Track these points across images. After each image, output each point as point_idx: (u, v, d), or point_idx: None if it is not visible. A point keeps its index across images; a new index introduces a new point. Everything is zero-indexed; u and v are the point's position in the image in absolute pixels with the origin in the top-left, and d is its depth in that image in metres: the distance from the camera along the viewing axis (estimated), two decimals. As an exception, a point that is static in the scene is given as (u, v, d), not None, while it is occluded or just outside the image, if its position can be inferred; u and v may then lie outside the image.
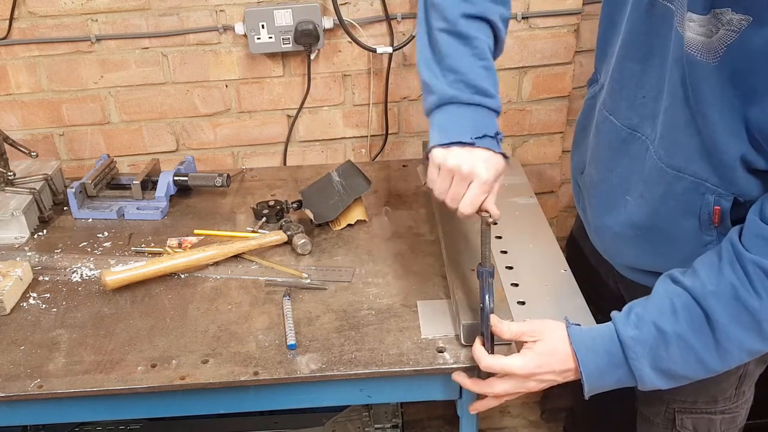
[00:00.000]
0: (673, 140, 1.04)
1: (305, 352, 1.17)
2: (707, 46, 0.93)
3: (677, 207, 1.07)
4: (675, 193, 1.06)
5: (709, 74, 0.94)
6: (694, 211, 1.05)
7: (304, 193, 1.57)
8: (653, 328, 1.01)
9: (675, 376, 1.03)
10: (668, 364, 1.01)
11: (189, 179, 1.63)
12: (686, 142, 1.02)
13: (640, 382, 1.03)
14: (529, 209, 1.54)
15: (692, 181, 1.03)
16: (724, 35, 0.90)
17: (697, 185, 1.03)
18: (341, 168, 1.57)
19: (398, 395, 1.27)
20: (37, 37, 1.69)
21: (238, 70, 1.76)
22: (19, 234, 1.53)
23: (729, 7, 0.89)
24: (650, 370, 1.02)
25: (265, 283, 1.35)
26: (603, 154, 1.20)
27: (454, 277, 1.24)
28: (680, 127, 1.02)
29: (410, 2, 1.71)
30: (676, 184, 1.05)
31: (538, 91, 1.76)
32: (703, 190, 1.03)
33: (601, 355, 1.04)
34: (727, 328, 0.96)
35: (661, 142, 1.06)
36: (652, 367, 1.02)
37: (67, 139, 1.82)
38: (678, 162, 1.04)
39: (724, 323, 0.96)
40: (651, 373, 1.02)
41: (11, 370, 1.16)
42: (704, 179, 1.02)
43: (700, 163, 1.01)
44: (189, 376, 1.13)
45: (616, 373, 1.04)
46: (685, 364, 1.01)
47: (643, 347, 1.01)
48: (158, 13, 1.69)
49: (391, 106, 1.83)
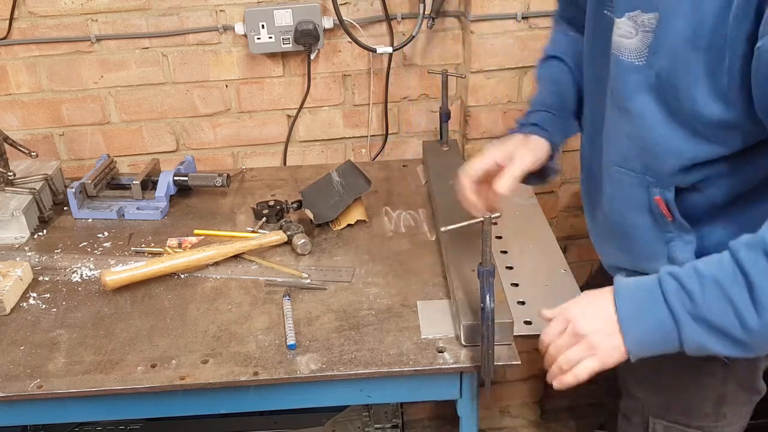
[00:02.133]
0: (611, 138, 1.09)
1: (305, 352, 1.17)
2: (630, 47, 0.99)
3: (627, 202, 1.10)
4: (622, 188, 1.09)
5: (634, 72, 0.99)
6: (644, 205, 1.07)
7: (304, 193, 1.57)
8: (692, 270, 0.93)
9: (719, 330, 0.91)
10: (705, 312, 0.91)
11: (189, 179, 1.63)
12: (620, 140, 1.07)
13: (681, 328, 0.93)
14: (529, 209, 1.54)
15: (633, 176, 1.06)
16: (644, 36, 0.97)
17: (640, 180, 1.06)
18: (341, 168, 1.57)
19: (398, 395, 1.27)
20: (37, 37, 1.69)
21: (238, 70, 1.76)
22: (19, 234, 1.53)
23: (639, 9, 0.96)
24: (686, 314, 0.92)
25: (265, 283, 1.35)
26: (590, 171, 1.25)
27: (455, 277, 1.24)
28: (614, 126, 1.07)
29: (410, 2, 1.71)
30: (622, 179, 1.09)
31: (538, 91, 1.76)
32: (646, 183, 1.05)
33: (639, 291, 0.96)
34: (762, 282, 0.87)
35: (606, 140, 1.12)
36: (689, 312, 0.92)
37: (67, 139, 1.82)
38: (617, 158, 1.08)
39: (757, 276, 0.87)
40: (689, 320, 0.92)
41: (11, 370, 1.16)
42: (642, 173, 1.05)
43: (636, 159, 1.05)
44: (189, 376, 1.13)
45: (654, 312, 0.94)
46: (723, 315, 0.90)
47: (678, 282, 0.93)
48: (158, 13, 1.69)
49: (391, 106, 1.83)
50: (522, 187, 1.61)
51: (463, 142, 1.83)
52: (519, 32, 1.69)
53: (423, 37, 1.76)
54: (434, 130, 1.85)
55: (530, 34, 1.69)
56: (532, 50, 1.70)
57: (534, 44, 1.70)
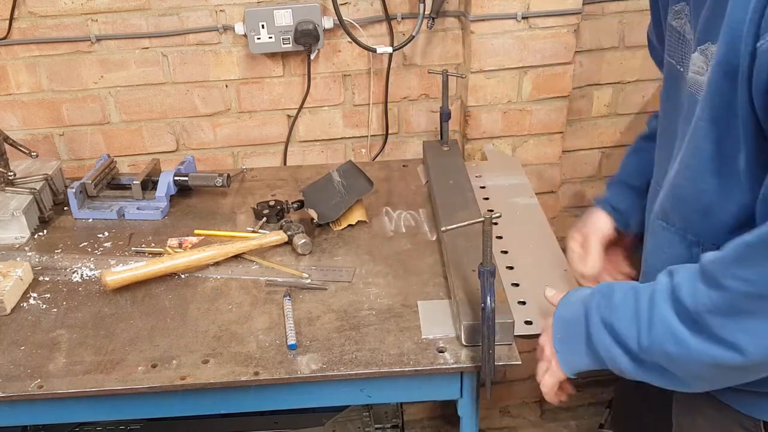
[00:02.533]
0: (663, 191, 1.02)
1: (305, 352, 1.17)
2: (702, 83, 0.90)
3: (668, 261, 0.99)
4: (662, 245, 1.03)
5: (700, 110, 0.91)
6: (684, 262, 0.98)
7: (305, 193, 1.57)
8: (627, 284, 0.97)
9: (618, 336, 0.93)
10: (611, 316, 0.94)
11: (189, 179, 1.63)
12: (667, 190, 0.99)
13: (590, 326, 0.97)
14: (530, 209, 1.54)
15: (674, 231, 1.00)
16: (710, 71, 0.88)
17: (680, 236, 0.99)
18: (342, 168, 1.57)
19: (398, 395, 1.27)
20: (37, 37, 1.69)
21: (238, 70, 1.76)
22: (20, 234, 1.53)
23: (708, 41, 0.87)
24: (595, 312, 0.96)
25: (266, 283, 1.35)
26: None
27: (455, 277, 1.24)
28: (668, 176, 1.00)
29: (410, 2, 1.71)
30: (661, 235, 1.03)
31: (539, 91, 1.76)
32: (687, 243, 0.98)
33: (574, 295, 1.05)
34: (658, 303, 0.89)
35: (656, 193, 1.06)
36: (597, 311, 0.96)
37: (67, 139, 1.82)
38: (660, 211, 1.02)
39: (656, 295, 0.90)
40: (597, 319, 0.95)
41: (11, 370, 1.16)
42: (684, 230, 0.98)
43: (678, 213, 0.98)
44: (189, 376, 1.13)
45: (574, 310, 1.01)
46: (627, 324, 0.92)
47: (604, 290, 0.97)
48: (158, 13, 1.69)
49: (391, 106, 1.83)
50: (522, 187, 1.63)
51: (463, 142, 1.83)
52: (519, 32, 1.69)
53: (423, 37, 1.76)
54: (434, 130, 1.86)
55: (530, 34, 1.69)
56: (532, 50, 1.70)
57: (534, 44, 1.70)
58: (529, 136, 1.83)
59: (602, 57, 1.82)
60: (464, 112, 1.79)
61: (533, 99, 1.78)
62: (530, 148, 1.84)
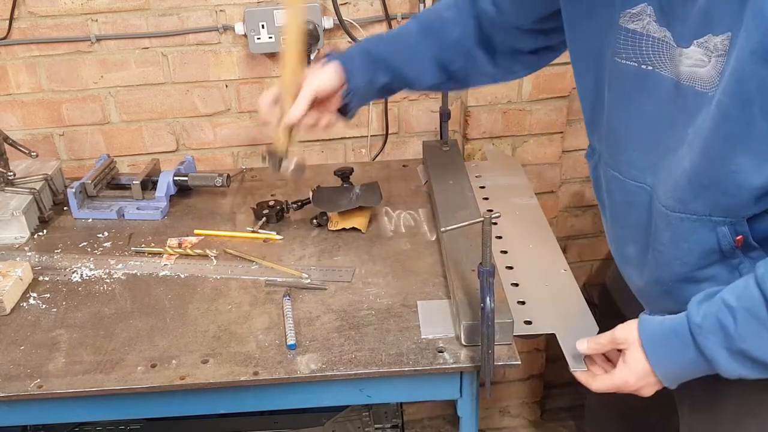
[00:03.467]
0: (671, 183, 0.99)
1: (305, 352, 1.17)
2: (704, 76, 0.90)
3: (692, 249, 1.00)
4: (683, 235, 0.99)
5: (706, 104, 0.90)
6: (712, 246, 0.98)
7: (319, 189, 1.57)
8: (721, 303, 0.93)
9: (756, 360, 0.91)
10: (741, 343, 0.91)
11: (189, 179, 1.63)
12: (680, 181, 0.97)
13: (716, 365, 0.94)
14: (529, 209, 1.54)
15: (696, 219, 0.97)
16: (716, 63, 0.88)
17: (703, 222, 0.97)
18: (366, 184, 1.57)
19: (398, 395, 1.27)
20: (37, 37, 1.69)
21: (238, 70, 1.76)
22: (19, 234, 1.53)
23: (710, 33, 0.87)
24: (722, 349, 0.92)
25: (265, 283, 1.35)
26: (617, 211, 1.15)
27: (455, 277, 1.24)
28: (676, 168, 0.98)
29: (410, 2, 1.71)
30: (681, 226, 0.99)
31: (538, 91, 1.76)
32: (711, 225, 0.97)
33: (668, 338, 0.97)
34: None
35: (660, 187, 1.02)
36: (725, 346, 0.92)
37: (67, 139, 1.82)
38: (674, 203, 0.99)
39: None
40: (725, 354, 0.92)
41: (11, 370, 1.16)
42: (707, 214, 0.96)
43: (698, 200, 0.96)
44: (189, 376, 1.13)
45: (687, 355, 0.95)
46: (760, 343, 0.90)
47: (709, 321, 0.93)
48: (158, 13, 1.69)
49: (391, 106, 1.83)
50: (522, 187, 1.63)
51: (463, 142, 1.83)
52: (519, 32, 1.68)
53: (423, 37, 1.75)
54: (434, 130, 1.85)
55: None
56: (532, 50, 1.70)
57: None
58: (529, 136, 1.83)
59: (602, 57, 1.82)
60: (464, 112, 1.79)
61: (533, 99, 1.77)
62: (530, 148, 1.84)
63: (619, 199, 1.12)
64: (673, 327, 0.98)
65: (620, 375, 1.03)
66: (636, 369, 1.01)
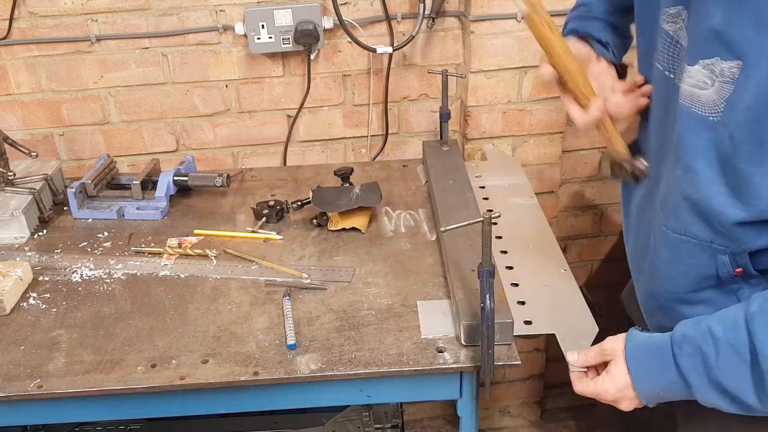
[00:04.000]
0: (670, 201, 0.97)
1: (305, 352, 1.17)
2: (704, 99, 0.87)
3: (688, 271, 0.98)
4: (681, 256, 0.98)
5: (705, 129, 0.88)
6: (710, 272, 0.96)
7: (319, 189, 1.56)
8: (706, 331, 0.90)
9: (734, 396, 0.89)
10: (720, 375, 0.89)
11: (189, 179, 1.63)
12: (681, 203, 0.95)
13: (694, 391, 0.92)
14: (529, 209, 1.54)
15: (696, 243, 0.95)
16: (720, 88, 0.85)
17: (703, 247, 0.95)
18: (366, 183, 1.57)
19: (398, 395, 1.27)
20: (37, 37, 1.69)
21: (238, 70, 1.76)
22: (19, 234, 1.53)
23: (717, 56, 0.84)
24: (701, 376, 0.90)
25: (265, 283, 1.35)
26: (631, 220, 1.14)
27: (455, 277, 1.24)
28: (675, 187, 0.96)
29: (410, 2, 1.71)
30: (680, 247, 0.97)
31: (538, 91, 1.76)
32: (711, 251, 0.94)
33: (651, 354, 0.96)
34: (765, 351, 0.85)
35: (662, 204, 1.00)
36: (703, 373, 0.90)
37: (67, 139, 1.82)
38: (676, 224, 0.97)
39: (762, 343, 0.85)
40: (704, 381, 0.90)
41: (11, 370, 1.16)
42: (708, 241, 0.94)
43: (699, 225, 0.94)
44: (189, 376, 1.13)
45: (667, 375, 0.94)
46: (738, 381, 0.88)
47: (691, 346, 0.91)
48: (158, 13, 1.69)
49: (391, 106, 1.83)
50: (522, 187, 1.63)
51: (463, 142, 1.83)
52: (519, 32, 1.69)
53: (423, 37, 1.76)
54: (434, 130, 1.85)
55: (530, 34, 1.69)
56: (532, 50, 1.70)
57: (534, 44, 1.68)
58: (529, 136, 1.83)
59: (602, 57, 1.82)
60: (464, 112, 1.79)
61: (533, 99, 1.77)
62: (530, 148, 1.84)
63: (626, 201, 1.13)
64: (658, 344, 0.96)
65: (602, 384, 1.02)
66: (617, 381, 1.00)
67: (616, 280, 2.15)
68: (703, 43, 0.86)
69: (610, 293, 2.16)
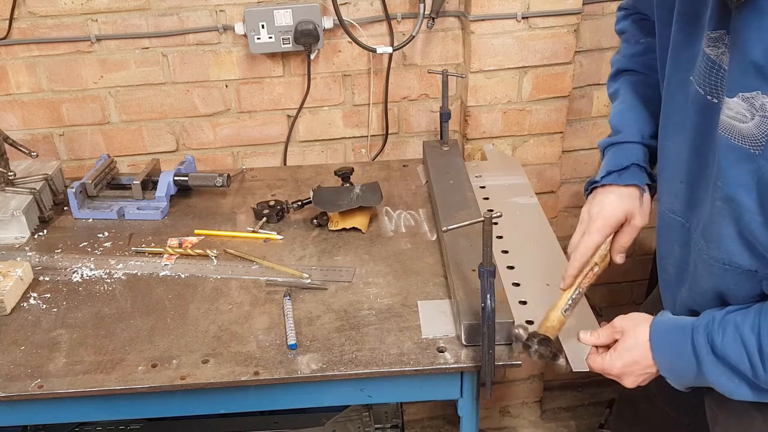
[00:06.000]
0: (713, 231, 0.96)
1: (306, 352, 1.17)
2: (744, 132, 0.85)
3: (734, 295, 0.98)
4: (726, 283, 0.98)
5: (746, 161, 0.86)
6: (755, 293, 0.96)
7: (319, 189, 1.56)
8: (724, 310, 0.96)
9: (735, 370, 0.93)
10: (724, 349, 0.93)
11: (189, 179, 1.63)
12: (724, 233, 0.93)
13: (703, 367, 0.96)
14: (530, 209, 1.54)
15: (741, 272, 0.95)
16: (761, 122, 0.83)
17: (749, 276, 0.95)
18: (366, 184, 1.57)
19: (398, 395, 1.27)
20: (37, 37, 1.69)
21: (238, 70, 1.76)
22: (20, 234, 1.53)
23: (758, 90, 0.82)
24: (707, 349, 0.95)
25: (266, 283, 1.35)
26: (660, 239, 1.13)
27: (455, 277, 1.24)
28: (717, 217, 0.94)
29: (410, 2, 1.71)
30: (725, 276, 0.97)
31: (538, 91, 1.76)
32: (757, 279, 0.94)
33: (672, 334, 1.00)
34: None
35: (702, 232, 0.99)
36: (710, 345, 0.95)
37: (67, 139, 1.82)
38: (721, 254, 0.96)
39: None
40: (709, 356, 0.95)
41: (11, 370, 1.16)
42: (754, 269, 0.93)
43: (744, 254, 0.93)
44: (189, 376, 1.13)
45: (684, 351, 0.98)
46: (739, 358, 0.92)
47: (706, 320, 0.96)
48: (158, 13, 1.69)
49: (391, 106, 1.83)
50: (522, 187, 1.63)
51: (463, 142, 1.83)
52: (519, 32, 1.69)
53: (423, 37, 1.76)
54: (434, 130, 1.85)
55: (530, 34, 1.69)
56: (532, 50, 1.71)
57: (534, 44, 1.70)
58: (529, 136, 1.83)
59: (602, 57, 1.82)
60: (464, 112, 1.79)
61: (533, 99, 1.78)
62: (530, 148, 1.84)
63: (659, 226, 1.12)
64: (682, 322, 1.02)
65: (609, 360, 1.06)
66: (624, 357, 1.04)
67: (616, 280, 2.16)
68: (743, 75, 0.84)
69: (610, 293, 2.17)
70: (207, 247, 1.45)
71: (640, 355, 1.03)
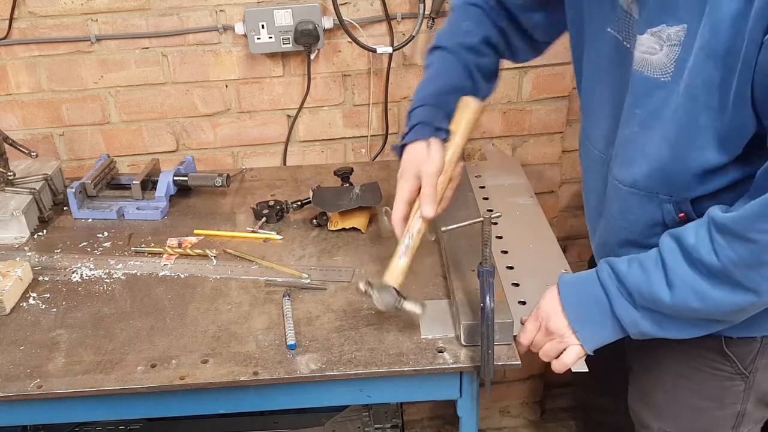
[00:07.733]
0: (624, 156, 1.07)
1: (305, 352, 1.17)
2: (655, 63, 0.96)
3: (638, 221, 1.09)
4: (631, 207, 1.09)
5: (659, 89, 0.97)
6: (657, 220, 1.07)
7: (319, 189, 1.56)
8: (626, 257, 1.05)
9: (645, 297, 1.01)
10: (632, 280, 1.02)
11: (189, 179, 1.63)
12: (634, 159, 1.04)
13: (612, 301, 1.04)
14: (529, 209, 1.54)
15: (644, 194, 1.06)
16: (669, 51, 0.94)
17: (650, 198, 1.05)
18: (366, 184, 1.57)
19: (398, 395, 1.27)
20: (37, 37, 1.69)
21: (238, 70, 1.76)
22: (19, 234, 1.53)
23: (663, 24, 0.93)
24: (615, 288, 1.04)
25: (265, 283, 1.35)
26: (585, 174, 1.26)
27: (455, 277, 1.24)
28: (630, 143, 1.05)
29: (410, 2, 1.71)
30: (630, 199, 1.08)
31: (538, 91, 1.76)
32: (657, 201, 1.05)
33: (578, 280, 1.10)
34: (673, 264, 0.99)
35: (615, 160, 1.10)
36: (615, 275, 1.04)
37: (67, 139, 1.82)
38: (626, 177, 1.07)
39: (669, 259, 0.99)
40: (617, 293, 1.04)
41: (11, 370, 1.16)
42: (656, 192, 1.04)
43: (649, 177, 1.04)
44: (189, 376, 1.13)
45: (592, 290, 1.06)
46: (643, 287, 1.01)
47: (610, 266, 1.05)
48: (158, 13, 1.69)
49: (391, 106, 1.83)
50: (521, 187, 1.63)
51: (463, 142, 1.83)
52: (519, 32, 1.68)
53: (423, 37, 1.75)
54: (434, 130, 1.85)
55: (530, 34, 1.69)
56: (532, 50, 1.70)
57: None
58: (529, 136, 1.83)
59: (602, 57, 1.82)
60: (464, 112, 1.79)
61: (533, 99, 1.78)
62: (530, 148, 1.84)
63: (585, 165, 1.23)
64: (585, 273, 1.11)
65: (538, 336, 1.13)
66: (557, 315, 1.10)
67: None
68: (650, 13, 0.95)
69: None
70: (206, 247, 1.45)
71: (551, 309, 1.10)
